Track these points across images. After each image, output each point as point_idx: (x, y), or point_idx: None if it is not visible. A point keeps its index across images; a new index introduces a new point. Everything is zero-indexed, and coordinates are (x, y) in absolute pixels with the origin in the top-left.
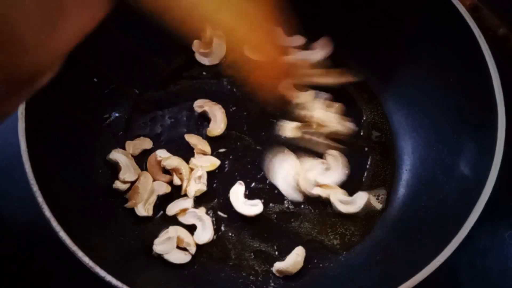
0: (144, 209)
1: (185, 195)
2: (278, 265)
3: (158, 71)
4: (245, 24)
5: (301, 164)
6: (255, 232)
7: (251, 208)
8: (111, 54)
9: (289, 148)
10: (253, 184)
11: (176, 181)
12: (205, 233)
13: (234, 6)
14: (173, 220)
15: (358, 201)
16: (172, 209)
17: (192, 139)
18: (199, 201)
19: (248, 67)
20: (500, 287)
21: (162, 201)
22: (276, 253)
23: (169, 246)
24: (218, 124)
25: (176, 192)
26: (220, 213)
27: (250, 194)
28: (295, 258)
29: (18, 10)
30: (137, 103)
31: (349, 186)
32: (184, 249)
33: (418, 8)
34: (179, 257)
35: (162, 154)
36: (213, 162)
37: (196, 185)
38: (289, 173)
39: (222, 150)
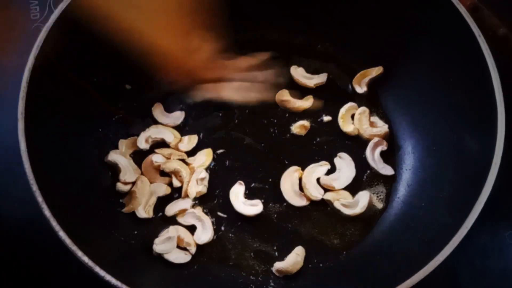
0: (144, 211)
1: (185, 196)
2: (278, 265)
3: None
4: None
5: (306, 167)
6: (255, 232)
7: (251, 208)
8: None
9: (294, 148)
10: (253, 184)
11: (176, 183)
12: (205, 233)
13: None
14: (173, 220)
15: (361, 201)
16: (171, 209)
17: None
18: (198, 201)
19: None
20: (500, 287)
21: (163, 202)
22: (276, 253)
23: (169, 246)
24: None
25: (176, 193)
26: (220, 213)
27: (250, 194)
28: (295, 258)
29: None
30: (137, 103)
31: (350, 186)
32: (184, 249)
33: (418, 8)
34: (179, 257)
35: (157, 159)
36: (207, 153)
37: (197, 187)
38: (292, 177)
39: (222, 150)
